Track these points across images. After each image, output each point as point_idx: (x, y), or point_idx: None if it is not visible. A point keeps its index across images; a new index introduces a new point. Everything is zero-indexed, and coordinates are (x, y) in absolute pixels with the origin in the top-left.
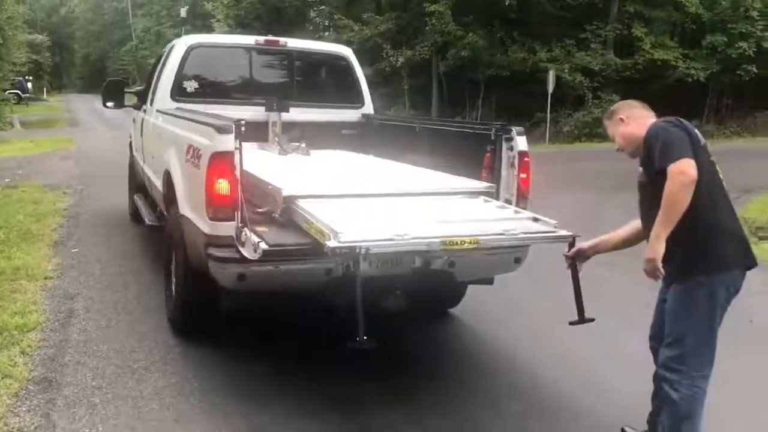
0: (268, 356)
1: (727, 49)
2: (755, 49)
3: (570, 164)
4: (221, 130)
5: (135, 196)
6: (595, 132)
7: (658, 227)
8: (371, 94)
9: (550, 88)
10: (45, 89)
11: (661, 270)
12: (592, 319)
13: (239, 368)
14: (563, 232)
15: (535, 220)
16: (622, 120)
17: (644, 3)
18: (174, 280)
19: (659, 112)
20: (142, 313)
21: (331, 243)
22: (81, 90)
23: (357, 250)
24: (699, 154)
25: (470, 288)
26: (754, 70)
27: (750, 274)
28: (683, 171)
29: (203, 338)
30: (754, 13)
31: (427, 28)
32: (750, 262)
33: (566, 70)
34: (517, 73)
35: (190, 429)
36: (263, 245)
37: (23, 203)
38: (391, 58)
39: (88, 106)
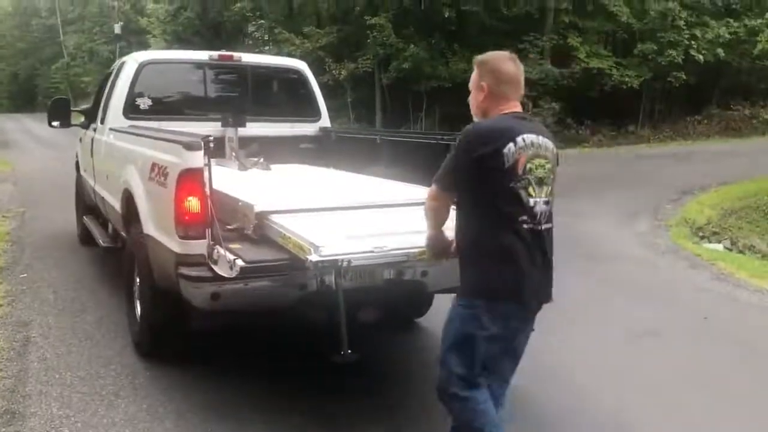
0: (240, 375)
1: (658, 57)
2: (683, 57)
3: None
4: (190, 146)
5: (84, 218)
6: None
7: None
8: None
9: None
10: None
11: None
12: None
13: (211, 388)
14: None
15: None
16: (483, 88)
17: (578, 14)
18: (138, 302)
19: (599, 118)
20: (104, 338)
21: (312, 257)
22: (9, 110)
23: (339, 263)
24: (485, 181)
25: (436, 298)
26: (683, 76)
27: (705, 272)
28: (428, 197)
29: (172, 360)
30: (681, 23)
31: (368, 40)
32: (526, 299)
33: None
34: (459, 85)
35: None
36: (240, 262)
37: None
38: (334, 71)
39: (18, 125)
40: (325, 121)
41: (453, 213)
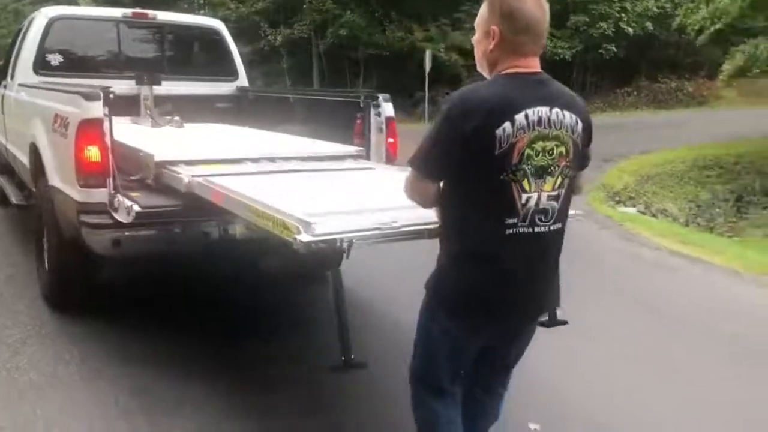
0: (145, 324)
1: (589, 29)
2: (614, 30)
3: None
4: (89, 97)
5: None
6: None
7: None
8: (251, 73)
9: (427, 67)
10: None
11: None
12: None
13: (118, 336)
14: None
15: None
16: (493, 33)
17: None
18: (46, 254)
19: None
20: (14, 295)
21: (303, 237)
22: None
23: (338, 244)
24: (467, 166)
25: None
26: (614, 49)
27: (613, 232)
28: (405, 185)
29: (81, 312)
30: None
31: (304, 6)
32: (501, 315)
33: (442, 50)
34: (396, 52)
35: (70, 395)
36: (136, 207)
37: None
38: (269, 36)
39: None
40: (242, 80)
41: None
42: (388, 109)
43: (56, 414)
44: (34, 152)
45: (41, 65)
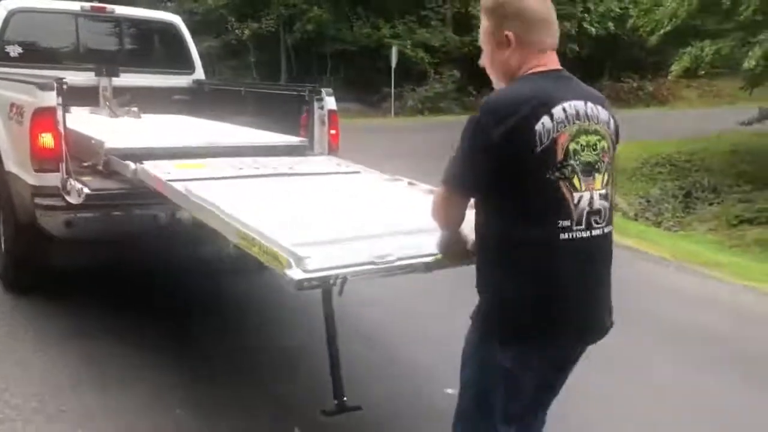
0: (99, 306)
1: None
2: (577, 29)
3: (410, 135)
4: (43, 87)
5: None
6: (437, 106)
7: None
8: (218, 67)
9: (393, 63)
10: None
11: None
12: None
13: (72, 314)
14: None
15: None
16: (508, 39)
17: None
18: (2, 237)
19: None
20: None
21: (294, 273)
22: None
23: (331, 282)
24: (507, 171)
25: None
26: (576, 48)
27: None
28: (435, 200)
29: (36, 293)
30: None
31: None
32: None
33: (409, 47)
34: (364, 49)
35: (26, 367)
36: (86, 190)
37: None
38: (237, 30)
39: None
40: (199, 74)
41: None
42: (330, 102)
43: (10, 384)
44: None
45: (0, 56)
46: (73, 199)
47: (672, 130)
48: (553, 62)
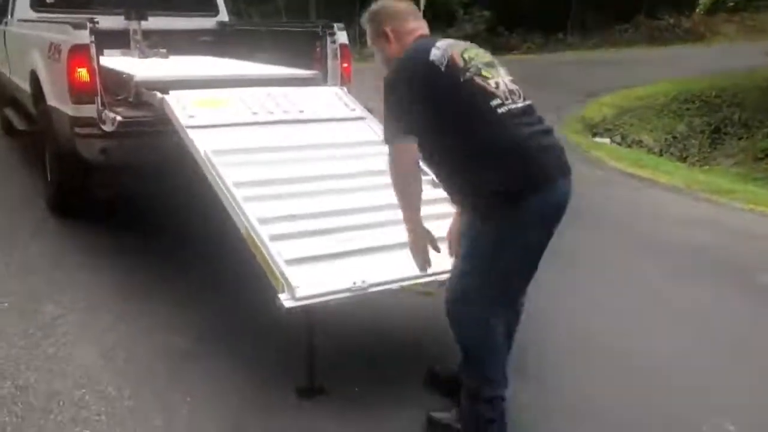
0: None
1: None
2: None
3: None
4: (77, 26)
5: (5, 110)
6: None
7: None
8: (247, 10)
9: (422, 6)
10: None
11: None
12: None
13: (108, 234)
14: None
15: None
16: (387, 36)
17: None
18: (48, 167)
19: (530, 27)
20: (22, 203)
21: (285, 300)
22: None
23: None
24: (435, 96)
25: None
26: None
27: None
28: (393, 160)
29: (79, 216)
30: None
31: None
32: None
33: None
34: None
35: (68, 274)
36: (119, 118)
37: None
38: None
39: None
40: (223, 16)
41: None
42: (342, 37)
43: (60, 290)
44: (34, 79)
45: (38, 2)
46: (107, 128)
47: (706, 66)
48: (424, 29)
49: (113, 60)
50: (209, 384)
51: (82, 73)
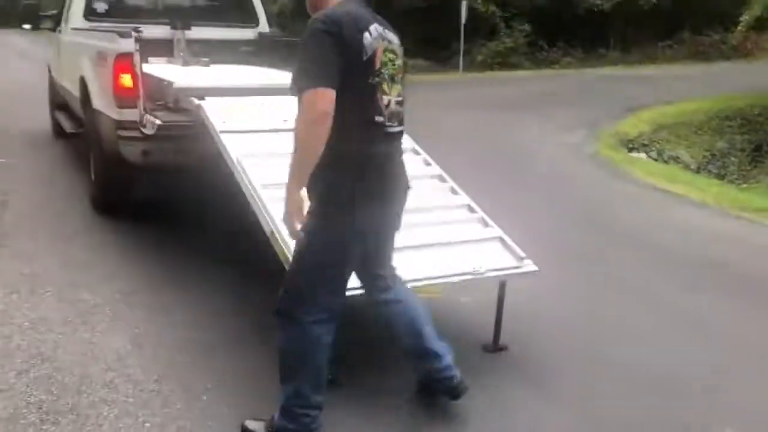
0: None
1: None
2: None
3: (479, 89)
4: (123, 35)
5: (56, 114)
6: (507, 61)
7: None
8: (292, 24)
9: (464, 18)
10: None
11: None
12: None
13: (148, 230)
14: (529, 268)
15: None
16: None
17: None
18: (92, 167)
19: (571, 41)
20: (69, 200)
21: None
22: None
23: None
24: (354, 72)
25: None
26: (654, 0)
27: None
28: (309, 107)
29: (120, 214)
30: None
31: None
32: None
33: (479, 1)
34: (433, 5)
35: (107, 267)
36: (158, 122)
37: None
38: None
39: None
40: (263, 27)
41: None
42: None
43: (98, 281)
44: (83, 84)
45: (90, 12)
46: (148, 131)
47: (749, 83)
48: None
49: (157, 67)
50: (229, 376)
51: (126, 79)
